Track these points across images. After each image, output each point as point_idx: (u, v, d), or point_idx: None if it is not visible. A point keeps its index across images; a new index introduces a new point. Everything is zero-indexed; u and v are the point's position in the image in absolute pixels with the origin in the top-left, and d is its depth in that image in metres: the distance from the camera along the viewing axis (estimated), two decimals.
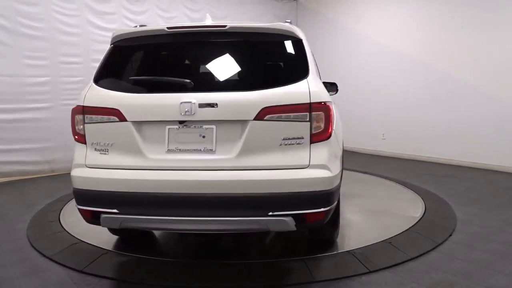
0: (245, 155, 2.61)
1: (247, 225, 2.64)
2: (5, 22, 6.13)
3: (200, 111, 2.61)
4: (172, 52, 3.15)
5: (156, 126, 2.70)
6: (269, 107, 2.59)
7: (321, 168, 2.61)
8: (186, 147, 2.67)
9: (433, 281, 2.86)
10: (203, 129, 2.65)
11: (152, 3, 7.78)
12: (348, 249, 3.41)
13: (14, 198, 5.31)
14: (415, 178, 6.12)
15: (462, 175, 6.49)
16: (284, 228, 2.61)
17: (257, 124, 2.60)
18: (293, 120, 2.60)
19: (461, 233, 3.81)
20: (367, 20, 8.71)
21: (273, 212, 2.54)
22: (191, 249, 3.58)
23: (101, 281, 2.95)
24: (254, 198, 2.55)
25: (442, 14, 7.36)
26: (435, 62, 7.51)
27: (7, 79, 6.22)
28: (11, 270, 3.15)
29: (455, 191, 5.39)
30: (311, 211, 2.59)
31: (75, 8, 6.85)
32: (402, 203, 4.89)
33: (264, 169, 2.60)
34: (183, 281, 2.95)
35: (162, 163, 2.68)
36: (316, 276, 2.96)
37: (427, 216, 4.27)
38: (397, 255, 3.28)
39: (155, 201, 2.63)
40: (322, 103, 2.65)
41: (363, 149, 8.79)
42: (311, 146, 2.62)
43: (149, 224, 2.79)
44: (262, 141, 2.61)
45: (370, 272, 3.01)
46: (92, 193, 2.73)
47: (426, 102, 7.71)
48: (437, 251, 3.41)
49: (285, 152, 2.60)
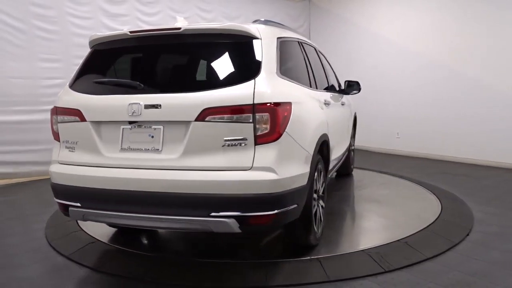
0: (188, 155, 2.65)
1: (190, 225, 2.68)
2: (21, 24, 6.24)
3: (146, 112, 2.70)
4: (132, 55, 3.23)
5: (112, 126, 2.84)
6: (210, 108, 2.59)
7: (265, 171, 2.56)
8: (137, 146, 2.77)
9: (450, 281, 2.83)
10: (152, 129, 2.74)
11: (164, 5, 7.83)
12: (363, 248, 3.38)
13: (32, 198, 5.39)
14: (430, 177, 6.06)
15: (478, 173, 6.40)
16: (227, 229, 2.59)
17: (199, 125, 2.62)
18: (236, 121, 2.57)
19: (479, 233, 3.76)
20: (380, 19, 8.65)
21: (215, 213, 2.55)
22: (210, 249, 3.59)
23: (117, 280, 2.99)
24: (195, 198, 2.58)
25: (455, 12, 7.29)
26: (450, 60, 7.43)
27: (23, 81, 6.33)
28: (30, 269, 3.20)
29: (471, 190, 5.32)
30: (255, 214, 2.56)
31: (89, 11, 6.93)
32: (418, 202, 4.84)
33: (206, 170, 2.61)
34: (200, 281, 2.96)
35: (115, 161, 2.81)
36: (331, 276, 2.94)
37: (444, 215, 4.22)
38: (413, 255, 3.25)
39: (110, 197, 2.77)
40: (268, 104, 2.58)
41: (378, 148, 8.74)
42: (256, 147, 2.57)
43: (107, 219, 2.97)
44: (204, 142, 2.63)
45: (385, 272, 2.99)
46: (62, 187, 2.97)
47: (440, 101, 7.63)
48: (453, 251, 3.37)
49: (227, 153, 2.58)
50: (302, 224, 3.13)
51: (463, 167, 6.95)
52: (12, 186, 6.12)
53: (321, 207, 3.52)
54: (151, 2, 7.67)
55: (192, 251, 3.48)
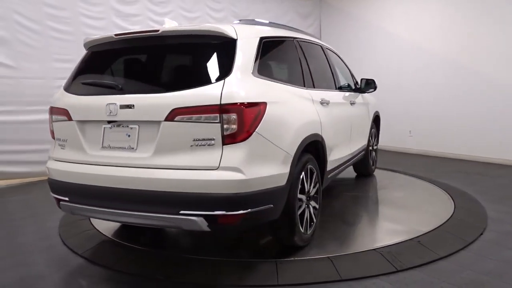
0: (159, 154, 2.72)
1: (162, 222, 2.79)
2: (35, 25, 6.32)
3: (121, 112, 2.81)
4: (116, 57, 3.31)
5: (94, 125, 2.98)
6: (179, 108, 2.64)
7: (232, 171, 2.57)
8: (116, 145, 2.89)
9: (463, 281, 2.80)
10: (129, 128, 2.84)
11: (176, 4, 7.87)
12: (375, 247, 3.37)
13: (45, 198, 5.42)
14: (443, 176, 6.00)
15: (492, 172, 6.32)
16: (196, 227, 2.64)
17: (168, 125, 2.68)
18: (204, 122, 2.61)
19: (493, 232, 3.72)
20: (392, 16, 8.59)
21: (184, 211, 2.61)
22: (222, 247, 3.60)
23: (129, 278, 3.01)
24: (166, 196, 2.65)
25: (468, 9, 7.20)
26: (462, 57, 7.35)
27: (37, 82, 6.42)
28: (44, 267, 3.25)
29: (485, 189, 5.26)
30: (222, 213, 2.58)
31: (102, 11, 6.99)
32: (431, 201, 4.80)
33: (176, 169, 2.66)
34: (211, 280, 2.97)
35: (97, 158, 2.95)
36: (343, 275, 2.93)
37: (457, 214, 4.17)
38: (426, 254, 3.22)
39: (92, 192, 2.90)
40: (236, 104, 2.60)
41: (391, 147, 8.67)
42: (224, 148, 2.59)
43: (91, 214, 3.12)
44: (174, 141, 2.68)
45: (398, 271, 2.97)
46: (55, 182, 3.17)
47: (453, 98, 7.55)
48: (467, 250, 3.33)
49: (195, 152, 2.63)
50: (285, 225, 3.13)
51: (477, 165, 6.86)
52: (26, 186, 6.21)
53: (312, 208, 3.48)
54: (163, 2, 7.71)
55: (206, 249, 3.49)
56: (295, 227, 3.17)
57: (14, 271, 3.16)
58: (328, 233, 3.73)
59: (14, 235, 4.03)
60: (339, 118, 4.30)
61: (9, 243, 3.81)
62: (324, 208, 4.60)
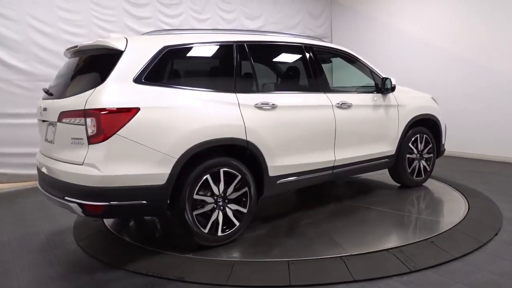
0: (57, 148, 3.32)
1: (61, 205, 3.21)
2: (49, 29, 6.41)
3: (43, 113, 3.55)
4: (64, 66, 3.84)
5: (44, 123, 3.61)
6: (63, 112, 3.18)
7: (90, 167, 2.97)
8: (49, 139, 3.49)
9: (478, 282, 2.77)
10: (53, 126, 3.39)
11: (186, 6, 7.91)
12: (388, 247, 3.34)
13: None
14: (458, 175, 5.93)
15: (508, 171, 6.22)
16: (76, 212, 3.06)
17: (60, 125, 3.25)
18: (76, 124, 3.06)
19: (508, 232, 3.66)
20: (404, 15, 8.52)
21: (66, 197, 3.07)
22: (234, 248, 3.61)
23: (142, 278, 3.03)
24: (56, 183, 3.20)
25: (480, 7, 7.11)
26: (477, 56, 7.25)
27: None
28: (57, 268, 3.30)
29: (501, 189, 5.18)
30: (87, 202, 2.99)
31: (114, 14, 7.06)
32: (445, 201, 4.75)
33: (62, 161, 3.20)
34: (227, 280, 2.97)
35: (41, 149, 3.72)
36: (356, 276, 2.91)
37: (471, 214, 4.12)
38: (439, 255, 3.19)
39: (41, 177, 3.57)
40: (95, 110, 2.95)
41: None
42: (89, 146, 2.99)
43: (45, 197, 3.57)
44: (62, 138, 3.24)
45: (411, 272, 2.95)
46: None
47: (466, 96, 7.46)
48: (482, 250, 3.29)
49: (73, 149, 3.11)
50: (178, 223, 3.39)
51: (492, 165, 6.77)
52: None
53: (234, 210, 3.53)
54: (174, 4, 7.76)
55: (219, 251, 3.49)
56: (189, 226, 3.33)
57: (30, 271, 3.23)
58: (339, 233, 3.72)
59: (29, 234, 4.09)
60: (299, 122, 3.94)
61: (24, 243, 3.87)
62: (335, 208, 4.58)
